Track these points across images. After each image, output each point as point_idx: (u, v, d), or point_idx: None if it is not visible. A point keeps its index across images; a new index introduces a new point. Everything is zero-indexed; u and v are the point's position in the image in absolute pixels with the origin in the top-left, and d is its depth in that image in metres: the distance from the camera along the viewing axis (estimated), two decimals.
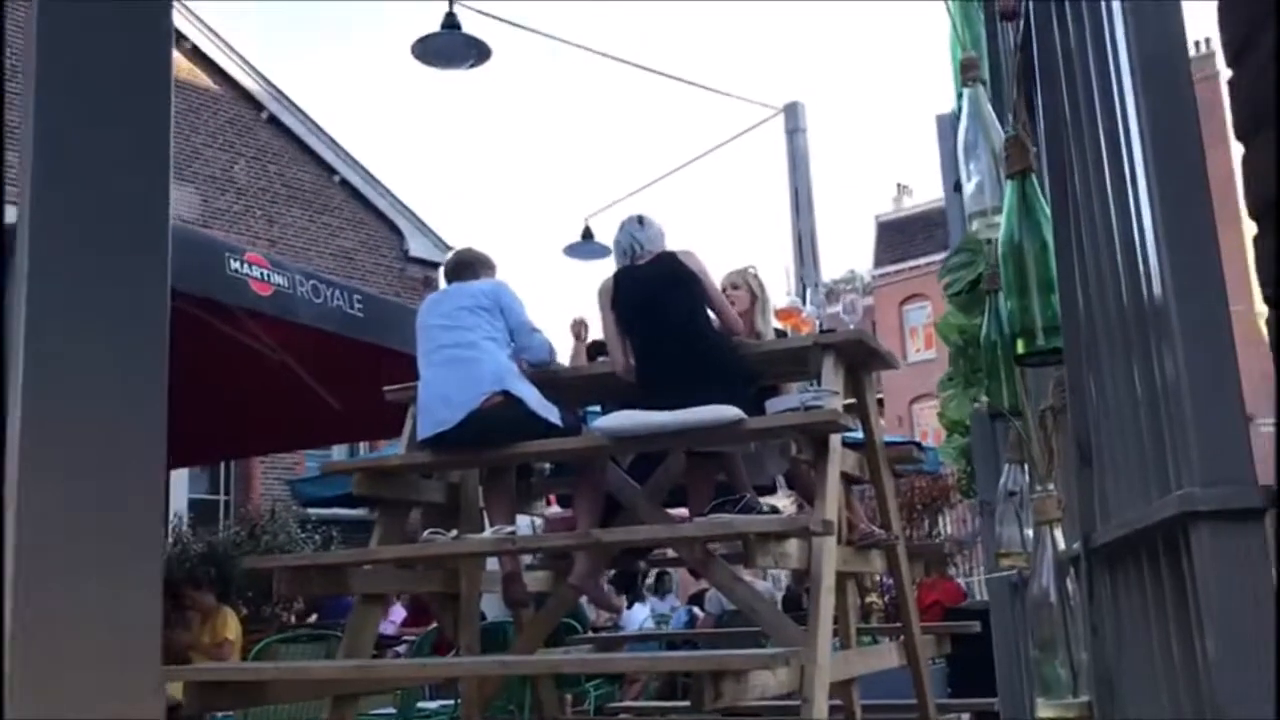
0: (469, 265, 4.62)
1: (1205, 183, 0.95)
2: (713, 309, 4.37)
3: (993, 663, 4.86)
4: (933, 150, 4.58)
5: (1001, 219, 1.66)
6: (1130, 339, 1.22)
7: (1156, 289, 1.00)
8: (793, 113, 11.56)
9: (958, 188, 3.50)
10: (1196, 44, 30.00)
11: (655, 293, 4.24)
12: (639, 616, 9.52)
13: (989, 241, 2.72)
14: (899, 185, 39.90)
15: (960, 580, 9.84)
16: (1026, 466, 2.57)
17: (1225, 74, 1.09)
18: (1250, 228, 0.99)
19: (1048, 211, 1.57)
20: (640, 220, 4.47)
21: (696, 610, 9.77)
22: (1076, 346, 1.44)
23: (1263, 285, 0.97)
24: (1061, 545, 1.75)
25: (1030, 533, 2.50)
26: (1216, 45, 1.13)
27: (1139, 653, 1.31)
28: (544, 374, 4.58)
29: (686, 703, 7.47)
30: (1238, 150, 1.03)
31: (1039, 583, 1.81)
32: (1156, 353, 1.07)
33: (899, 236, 37.47)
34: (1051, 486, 1.71)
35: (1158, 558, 1.12)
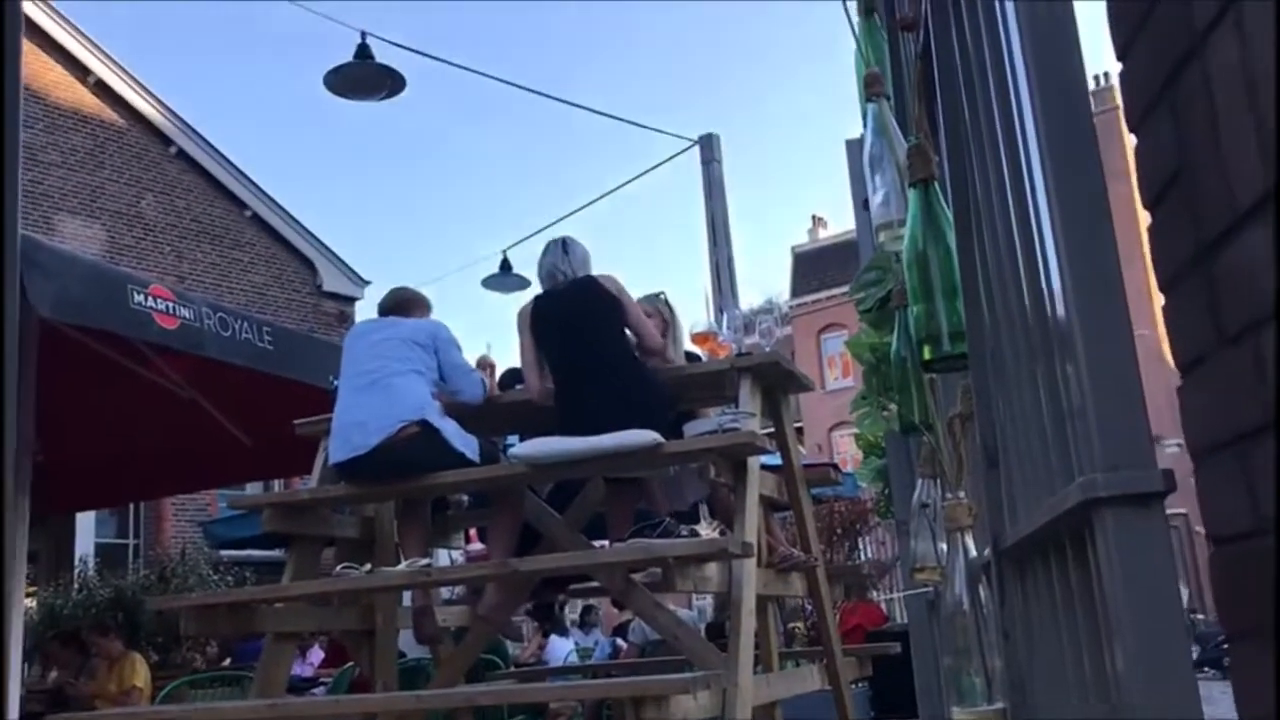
0: (405, 304, 4.57)
1: (1101, 179, 0.96)
2: (634, 331, 4.34)
3: (913, 687, 4.90)
4: (846, 180, 4.66)
5: (906, 228, 1.68)
6: (1033, 341, 1.23)
7: (1057, 288, 1.01)
8: (708, 144, 11.67)
9: (866, 205, 3.55)
10: (1096, 78, 31.05)
11: (574, 317, 4.21)
12: (562, 650, 9.42)
13: (896, 256, 2.76)
14: (814, 217, 40.54)
15: (881, 603, 9.92)
16: (938, 480, 2.60)
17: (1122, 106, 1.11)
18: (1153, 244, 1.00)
19: (951, 218, 1.59)
20: (564, 245, 4.44)
21: (620, 641, 9.70)
22: (981, 350, 1.45)
23: (1158, 271, 0.98)
24: (973, 552, 1.76)
25: (944, 545, 2.53)
26: (1115, 79, 1.15)
27: (1049, 652, 1.31)
28: (460, 404, 4.52)
29: None
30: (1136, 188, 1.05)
31: (952, 591, 1.82)
32: (1059, 352, 1.07)
33: (815, 267, 38.03)
34: (963, 494, 1.71)
35: (1064, 552, 1.12)
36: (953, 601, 1.73)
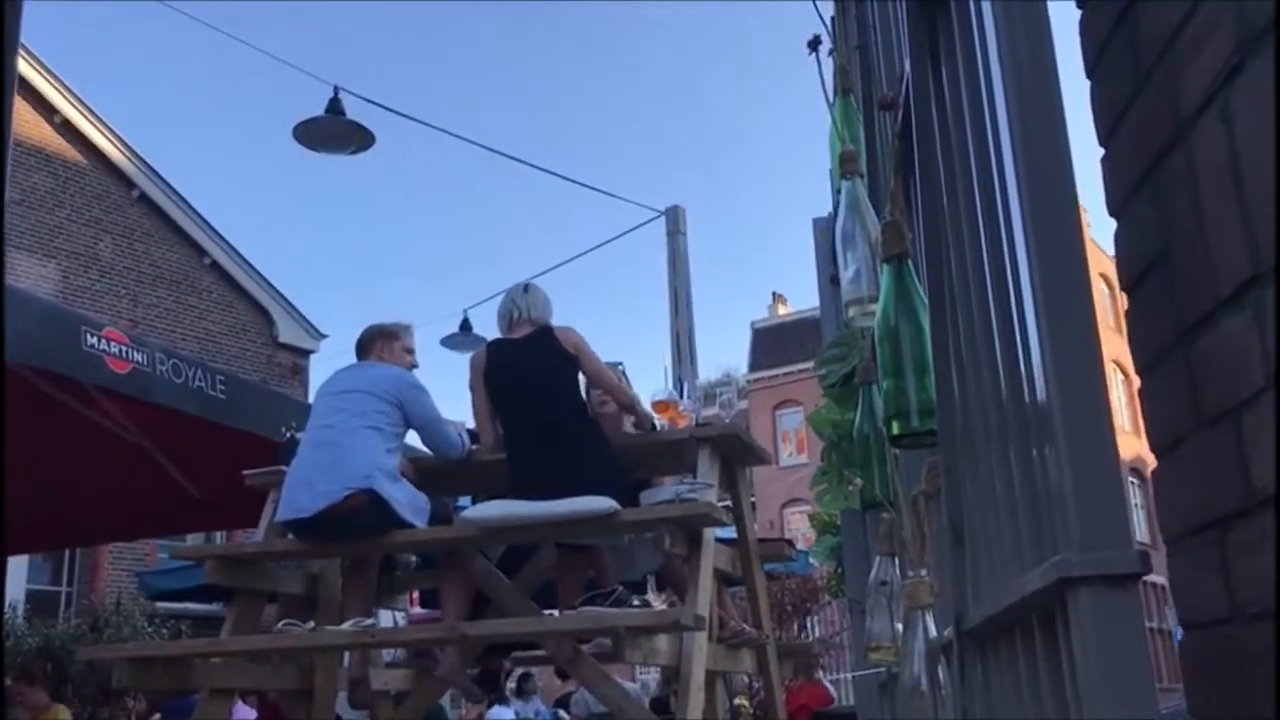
0: (378, 338, 4.47)
1: (1084, 259, 0.96)
2: (598, 384, 4.30)
3: None
4: (808, 259, 4.70)
5: (878, 303, 1.69)
6: (1006, 420, 1.23)
7: (1037, 367, 1.01)
8: (673, 216, 11.79)
9: (834, 281, 3.58)
10: None
11: (529, 371, 4.12)
12: (505, 718, 9.23)
13: (864, 332, 2.78)
14: (774, 294, 40.91)
15: (828, 683, 9.85)
16: (897, 558, 2.59)
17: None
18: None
19: (923, 296, 1.60)
20: (526, 288, 4.40)
21: (562, 714, 9.53)
22: (951, 428, 1.45)
23: (1135, 354, 0.98)
24: (933, 632, 1.75)
25: (900, 626, 2.51)
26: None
27: None
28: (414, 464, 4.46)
29: None
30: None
31: (910, 670, 1.80)
32: (1035, 431, 1.07)
33: (774, 343, 38.29)
34: (924, 572, 1.70)
35: (1031, 633, 1.11)
36: (910, 680, 1.71)
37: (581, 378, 4.28)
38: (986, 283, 1.28)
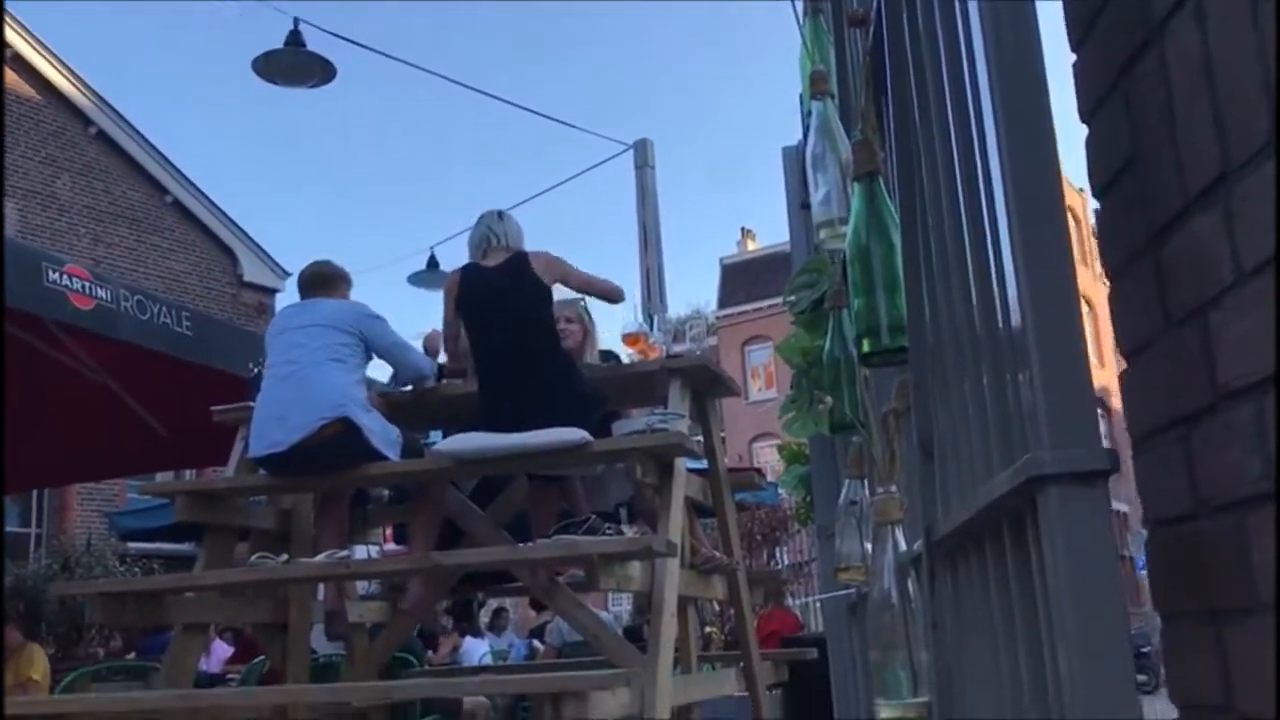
0: (327, 280, 4.44)
1: (1056, 160, 0.97)
2: (585, 290, 4.32)
3: (828, 692, 4.94)
4: (777, 194, 4.69)
5: (849, 222, 1.68)
6: (977, 333, 1.24)
7: (1010, 275, 1.01)
8: (642, 149, 11.70)
9: (805, 206, 3.58)
10: None
11: (504, 302, 4.10)
12: (477, 652, 9.31)
13: (833, 256, 2.78)
14: (743, 229, 40.85)
15: (796, 610, 10.02)
16: (866, 480, 2.62)
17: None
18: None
19: (895, 213, 1.60)
20: (500, 214, 4.37)
21: (537, 643, 9.65)
22: (922, 344, 1.46)
23: (1105, 260, 0.99)
24: (903, 547, 1.77)
25: (870, 545, 2.55)
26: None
27: (980, 641, 1.33)
28: (383, 398, 4.46)
29: None
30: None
31: (880, 585, 1.83)
32: (1006, 340, 1.08)
33: (743, 279, 38.33)
34: (894, 488, 1.72)
35: (1000, 538, 1.13)
36: (880, 595, 1.73)
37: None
38: (959, 196, 1.28)
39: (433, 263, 11.89)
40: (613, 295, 4.42)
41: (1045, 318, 0.90)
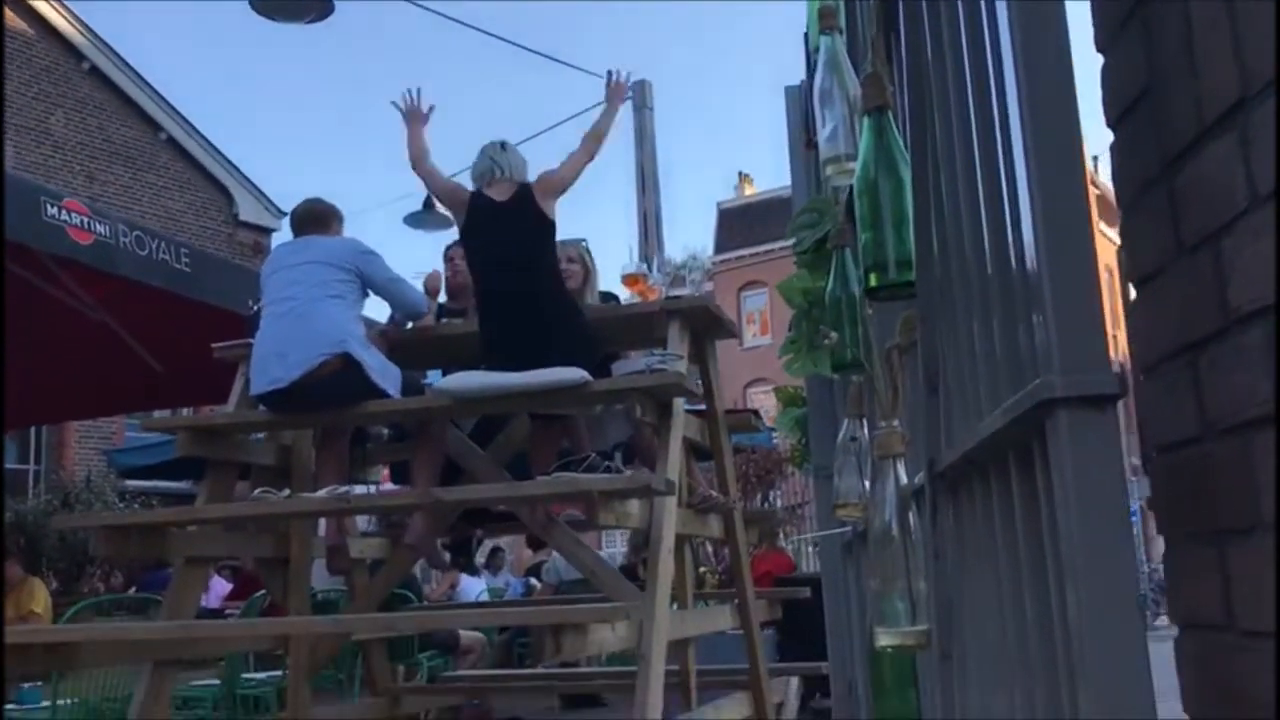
0: (320, 218, 4.44)
1: (1074, 96, 0.97)
2: (572, 169, 4.27)
3: (820, 632, 5.01)
4: (774, 138, 4.67)
5: (858, 157, 1.69)
6: (986, 267, 1.25)
7: (1024, 205, 1.02)
8: (640, 90, 11.62)
9: (810, 144, 3.57)
10: None
11: (509, 240, 4.07)
12: (474, 590, 9.42)
13: (837, 195, 2.78)
14: (741, 174, 40.61)
15: (789, 551, 10.13)
16: (866, 418, 2.65)
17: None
18: None
19: (904, 148, 1.60)
20: (502, 145, 4.33)
21: (534, 581, 9.76)
22: (929, 277, 1.47)
23: (1119, 190, 1.00)
24: (904, 480, 1.80)
25: (868, 483, 2.58)
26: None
27: (983, 570, 1.35)
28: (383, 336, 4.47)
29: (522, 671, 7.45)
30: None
31: (881, 518, 1.86)
32: (1017, 269, 1.09)
33: (740, 224, 38.18)
34: (896, 423, 1.74)
35: (1006, 466, 1.15)
36: (881, 527, 1.76)
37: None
38: (972, 129, 1.28)
39: (428, 203, 11.82)
40: (593, 149, 4.39)
41: (1058, 245, 0.91)
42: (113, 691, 4.81)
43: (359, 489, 5.06)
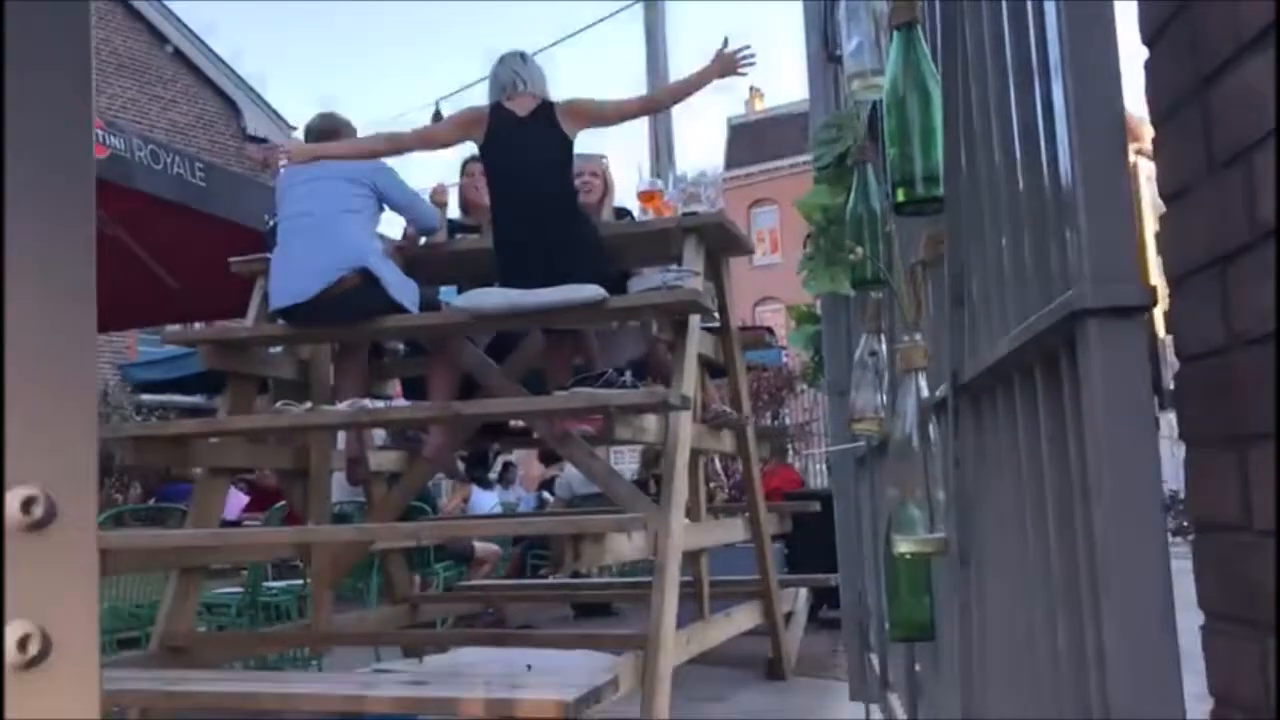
0: (333, 132, 4.43)
1: (1112, 17, 0.99)
2: (623, 117, 4.25)
3: (828, 545, 5.11)
4: (786, 52, 4.61)
5: (886, 72, 1.69)
6: (1017, 182, 1.27)
7: (1060, 117, 1.04)
8: (652, 4, 11.45)
9: (834, 58, 3.55)
10: None
11: (527, 156, 4.05)
12: (487, 503, 9.57)
13: (860, 111, 2.78)
14: (751, 88, 40.05)
15: (798, 467, 10.25)
16: (884, 335, 2.68)
17: None
18: None
19: (932, 64, 1.61)
20: (523, 56, 4.26)
21: (546, 495, 9.90)
22: (957, 191, 1.49)
23: (1152, 108, 1.02)
24: (925, 393, 1.84)
25: (884, 399, 2.63)
26: None
27: (1004, 479, 1.40)
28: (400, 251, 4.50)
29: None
30: None
31: (901, 429, 1.90)
32: (1049, 182, 1.11)
33: (750, 140, 37.76)
34: (918, 337, 1.78)
35: (1032, 377, 1.18)
36: (902, 439, 1.80)
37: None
38: (1005, 46, 1.29)
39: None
40: (653, 107, 4.36)
41: (1093, 159, 0.93)
42: (144, 598, 4.95)
43: (373, 403, 5.14)
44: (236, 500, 9.27)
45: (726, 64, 4.19)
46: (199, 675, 3.58)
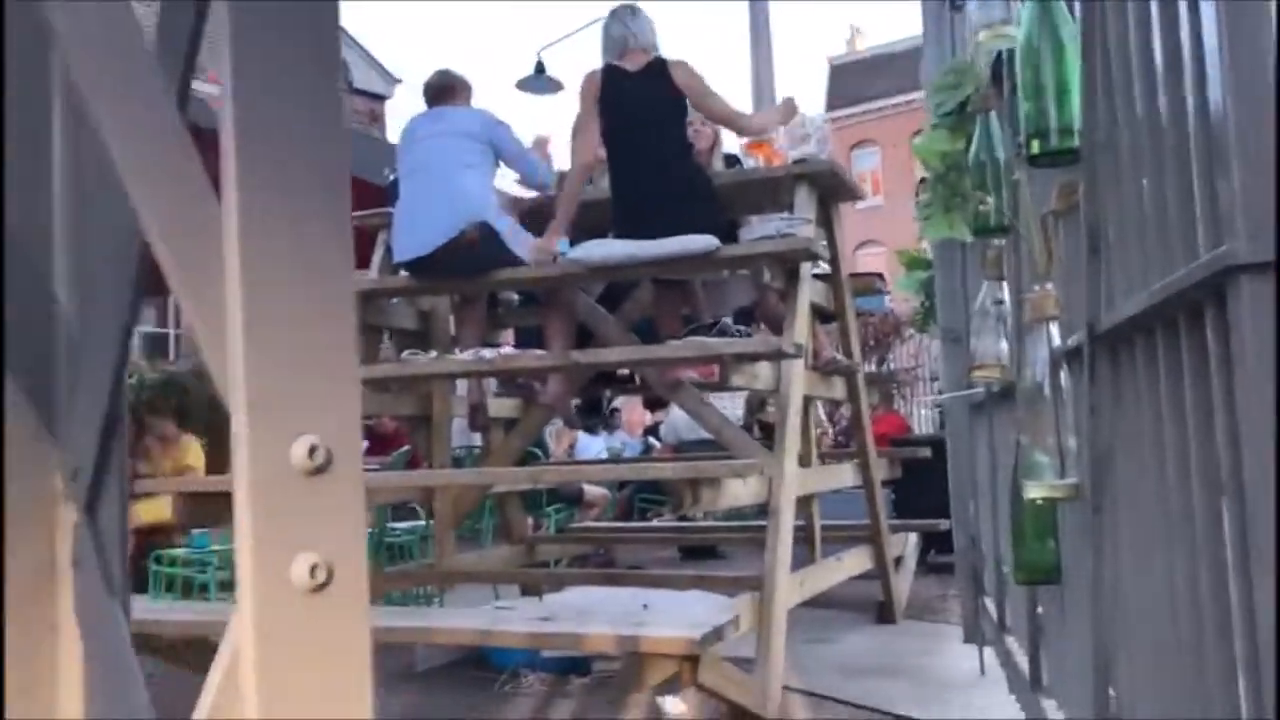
0: (451, 89, 4.53)
1: None
2: (713, 117, 4.25)
3: (935, 490, 5.12)
4: None
5: (1021, 27, 1.71)
6: (1161, 133, 1.28)
7: (1213, 74, 1.05)
8: None
9: (955, 6, 3.51)
10: None
11: (643, 109, 4.09)
12: (593, 448, 9.74)
13: (982, 55, 2.76)
14: (852, 27, 39.21)
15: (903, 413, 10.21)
16: (1007, 283, 2.68)
17: None
18: None
19: (1068, 15, 1.62)
20: (633, 10, 4.27)
21: (653, 441, 10.02)
22: (1093, 143, 1.51)
23: None
24: (1056, 342, 1.86)
25: (1006, 345, 2.64)
26: None
27: (1141, 429, 1.42)
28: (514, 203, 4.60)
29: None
30: None
31: (1032, 377, 1.93)
32: (1197, 136, 1.13)
33: (851, 80, 37.04)
34: (1050, 286, 1.80)
35: (1176, 330, 1.21)
36: (1032, 386, 1.83)
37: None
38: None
39: (540, 68, 11.78)
40: (739, 125, 4.40)
41: (1249, 111, 0.95)
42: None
43: (488, 352, 5.29)
44: None
45: (784, 115, 4.62)
46: None
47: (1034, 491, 1.80)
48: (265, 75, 0.68)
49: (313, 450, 0.64)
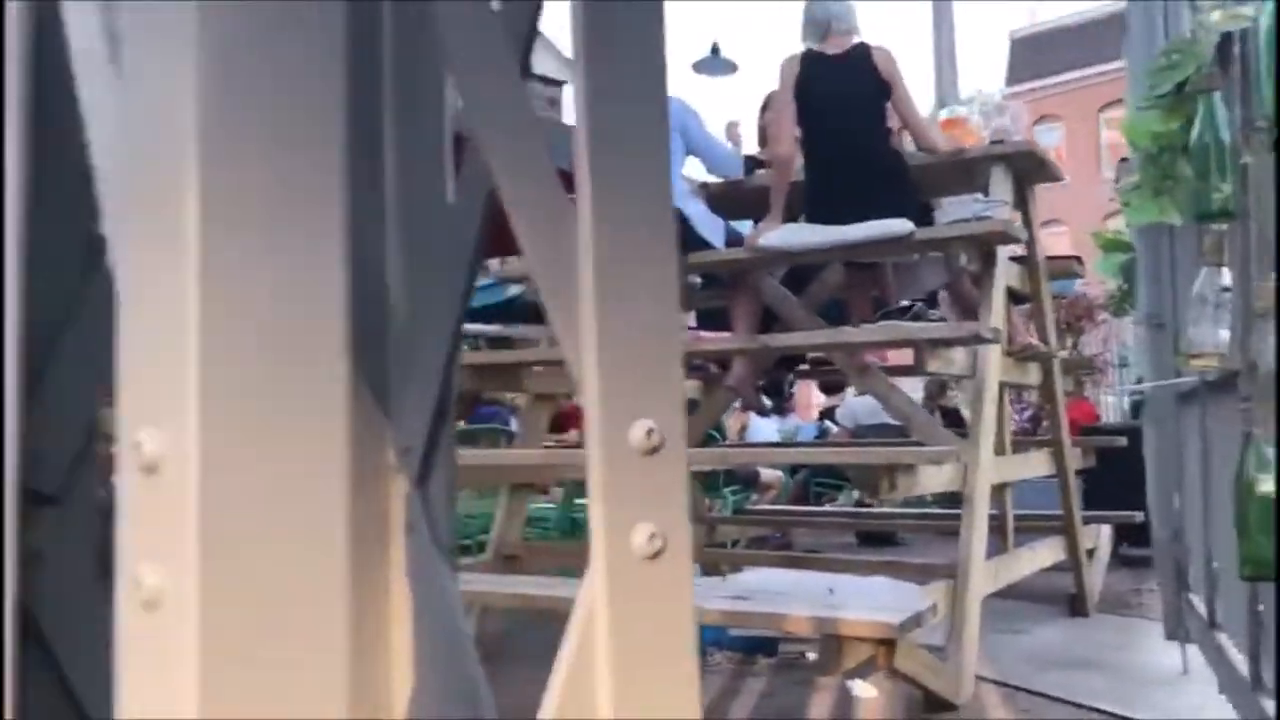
0: None
1: None
2: (904, 118, 4.18)
3: (1126, 481, 4.94)
4: None
5: (1265, 8, 1.66)
6: None
7: None
8: None
9: None
10: None
11: (844, 95, 4.05)
12: (765, 431, 9.75)
13: (1205, 34, 2.66)
14: None
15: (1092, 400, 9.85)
16: (1230, 269, 2.59)
17: None
18: None
19: None
20: None
21: (829, 424, 9.98)
22: None
23: None
24: None
25: (1224, 334, 2.55)
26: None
27: None
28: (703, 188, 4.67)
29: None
30: None
31: (1264, 368, 1.89)
32: None
33: (1032, 54, 35.62)
34: None
35: None
36: (1264, 378, 1.80)
37: None
38: None
39: (715, 50, 11.82)
40: (925, 138, 4.24)
41: None
42: (469, 510, 5.45)
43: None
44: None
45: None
46: (529, 581, 3.93)
47: (1267, 485, 1.77)
48: (612, 80, 0.75)
49: (649, 432, 0.72)
